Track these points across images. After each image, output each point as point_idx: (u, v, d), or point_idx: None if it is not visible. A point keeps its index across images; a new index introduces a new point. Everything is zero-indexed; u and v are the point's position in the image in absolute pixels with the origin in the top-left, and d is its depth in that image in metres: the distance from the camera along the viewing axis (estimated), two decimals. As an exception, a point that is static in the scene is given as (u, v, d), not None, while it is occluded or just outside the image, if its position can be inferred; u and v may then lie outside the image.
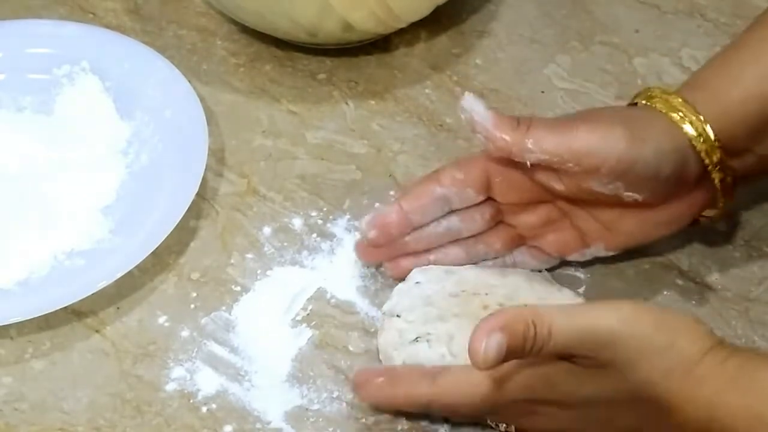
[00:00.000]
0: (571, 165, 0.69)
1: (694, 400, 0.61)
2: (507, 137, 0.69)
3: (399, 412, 0.71)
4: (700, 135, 0.71)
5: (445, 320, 0.73)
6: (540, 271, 0.78)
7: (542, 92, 0.89)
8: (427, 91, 0.89)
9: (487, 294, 0.74)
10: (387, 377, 0.69)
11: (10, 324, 0.74)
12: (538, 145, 0.69)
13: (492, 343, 0.61)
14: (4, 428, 0.71)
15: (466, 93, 0.70)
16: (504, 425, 0.68)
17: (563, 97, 0.88)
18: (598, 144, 0.69)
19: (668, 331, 0.62)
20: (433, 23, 0.92)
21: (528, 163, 0.70)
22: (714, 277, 0.78)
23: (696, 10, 0.94)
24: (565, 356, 0.63)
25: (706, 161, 0.71)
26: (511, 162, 0.71)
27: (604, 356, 0.62)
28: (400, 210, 0.75)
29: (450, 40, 0.93)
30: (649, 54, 0.91)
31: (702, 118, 0.71)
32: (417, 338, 0.72)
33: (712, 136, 0.71)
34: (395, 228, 0.75)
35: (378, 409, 0.71)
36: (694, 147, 0.71)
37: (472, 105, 0.70)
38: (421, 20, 0.89)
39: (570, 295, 0.76)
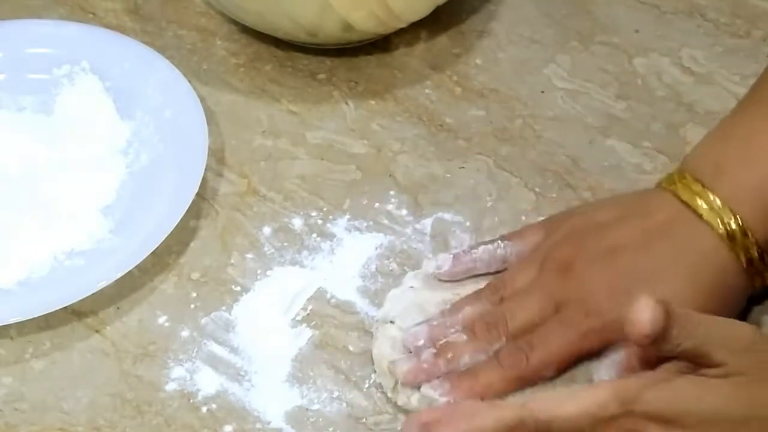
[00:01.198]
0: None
1: None
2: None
3: (399, 412, 0.71)
4: (746, 250, 0.70)
5: None
6: None
7: (542, 92, 0.89)
8: (427, 91, 0.89)
9: None
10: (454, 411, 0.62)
11: (10, 324, 0.74)
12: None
13: None
14: (4, 428, 0.71)
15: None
16: None
17: (563, 97, 0.88)
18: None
19: None
20: (433, 23, 0.92)
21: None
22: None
23: (696, 10, 0.94)
24: (697, 358, 0.60)
25: (742, 259, 0.70)
26: None
27: (738, 363, 0.59)
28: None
29: (450, 40, 0.93)
30: (649, 54, 0.91)
31: (741, 222, 0.69)
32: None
33: (751, 238, 0.70)
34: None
35: None
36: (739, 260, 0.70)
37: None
38: (421, 20, 0.89)
39: None
